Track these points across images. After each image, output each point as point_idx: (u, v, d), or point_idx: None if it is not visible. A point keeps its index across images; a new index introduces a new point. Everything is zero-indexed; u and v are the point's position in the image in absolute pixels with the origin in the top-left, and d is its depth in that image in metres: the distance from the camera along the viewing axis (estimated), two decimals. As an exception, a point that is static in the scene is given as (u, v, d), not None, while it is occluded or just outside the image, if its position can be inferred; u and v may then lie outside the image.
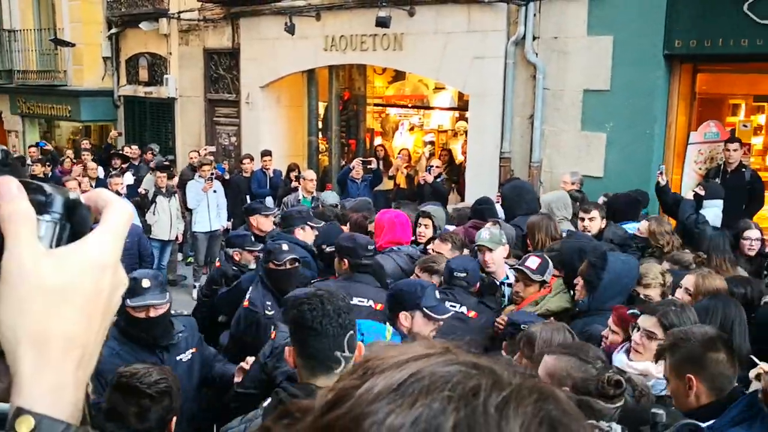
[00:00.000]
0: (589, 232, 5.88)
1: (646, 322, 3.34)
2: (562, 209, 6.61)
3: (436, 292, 3.82)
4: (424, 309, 3.62)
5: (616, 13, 8.49)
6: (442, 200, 9.67)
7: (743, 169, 7.78)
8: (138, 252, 8.27)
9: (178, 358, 3.90)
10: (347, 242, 4.71)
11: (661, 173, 7.53)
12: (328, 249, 5.18)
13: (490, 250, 4.94)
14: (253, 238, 6.18)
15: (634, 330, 3.42)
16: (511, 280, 4.93)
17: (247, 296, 4.64)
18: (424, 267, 4.77)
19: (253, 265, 5.72)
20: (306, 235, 5.92)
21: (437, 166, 10.46)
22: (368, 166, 10.27)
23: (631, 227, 6.32)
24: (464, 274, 4.45)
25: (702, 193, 7.05)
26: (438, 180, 10.21)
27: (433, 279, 4.60)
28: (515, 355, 3.52)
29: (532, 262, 4.52)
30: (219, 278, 5.75)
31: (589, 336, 3.71)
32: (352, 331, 2.48)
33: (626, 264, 4.26)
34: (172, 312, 4.05)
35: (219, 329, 5.11)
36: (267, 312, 4.46)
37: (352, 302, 3.86)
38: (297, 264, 4.73)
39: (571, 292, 4.43)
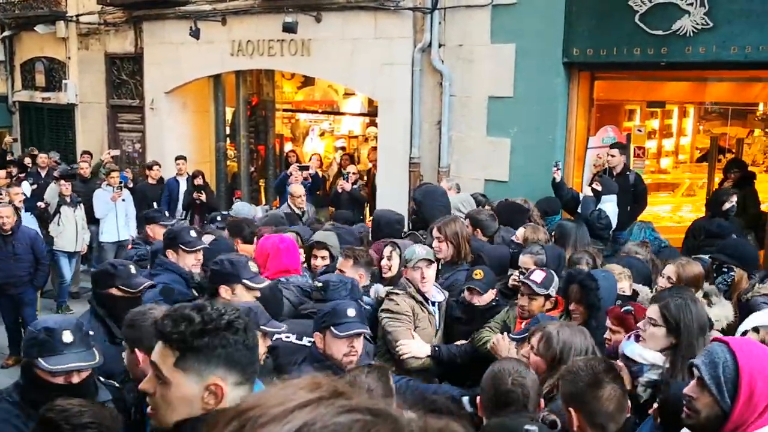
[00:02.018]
0: None
1: (651, 310, 3.45)
2: (469, 209, 6.73)
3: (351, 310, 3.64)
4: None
5: (517, 22, 8.73)
6: (360, 208, 9.66)
7: (628, 173, 8.18)
8: (33, 256, 7.92)
9: None
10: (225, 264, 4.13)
11: (557, 169, 7.82)
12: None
13: (431, 263, 4.61)
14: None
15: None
16: (440, 298, 4.68)
17: None
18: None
19: None
20: (180, 258, 4.97)
21: (353, 173, 10.47)
22: (306, 172, 10.15)
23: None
24: (321, 285, 4.12)
25: (599, 188, 7.36)
26: (355, 187, 10.22)
27: None
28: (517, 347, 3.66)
29: (537, 275, 4.34)
30: None
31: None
32: None
33: (607, 279, 4.26)
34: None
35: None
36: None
37: None
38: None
39: None
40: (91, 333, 3.26)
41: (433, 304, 4.66)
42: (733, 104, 11.87)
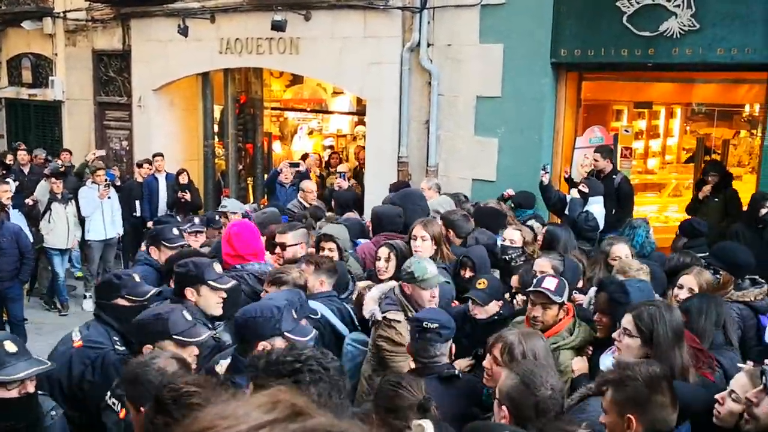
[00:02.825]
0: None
1: (625, 320, 3.37)
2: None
3: (293, 312, 3.41)
4: (285, 334, 3.24)
5: (506, 22, 8.75)
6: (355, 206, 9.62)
7: (614, 176, 8.08)
8: (18, 250, 8.00)
9: None
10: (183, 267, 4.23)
11: (546, 172, 7.85)
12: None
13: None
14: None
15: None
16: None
17: (78, 337, 3.85)
18: (271, 280, 4.35)
19: None
20: (162, 255, 5.29)
21: (345, 171, 10.46)
22: (296, 169, 10.10)
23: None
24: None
25: (586, 190, 7.38)
26: (349, 186, 10.22)
27: (272, 290, 4.24)
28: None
29: (550, 282, 4.00)
30: None
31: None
32: None
33: (642, 291, 4.06)
34: None
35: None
36: (118, 347, 3.78)
37: None
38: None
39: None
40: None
41: None
42: (719, 105, 11.96)
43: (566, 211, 7.41)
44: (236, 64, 11.70)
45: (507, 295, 4.86)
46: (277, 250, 5.48)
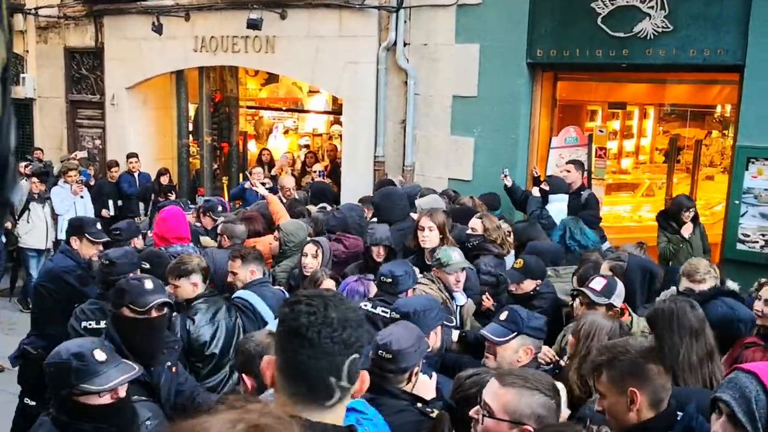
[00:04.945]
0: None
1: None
2: None
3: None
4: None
5: (482, 22, 8.77)
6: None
7: (582, 192, 7.75)
8: None
9: None
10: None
11: (505, 176, 7.88)
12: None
13: (463, 269, 4.83)
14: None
15: None
16: (462, 302, 4.87)
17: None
18: (177, 273, 4.34)
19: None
20: (83, 247, 5.24)
21: (317, 171, 10.48)
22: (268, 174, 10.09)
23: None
24: (390, 280, 4.22)
25: (546, 188, 7.39)
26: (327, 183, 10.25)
27: (181, 282, 4.28)
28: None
29: (597, 283, 4.03)
30: None
31: None
32: (357, 355, 1.75)
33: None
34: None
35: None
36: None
37: None
38: (166, 311, 3.50)
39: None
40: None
41: (458, 307, 4.86)
42: (691, 106, 12.10)
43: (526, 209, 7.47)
44: (211, 63, 11.61)
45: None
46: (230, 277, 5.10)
